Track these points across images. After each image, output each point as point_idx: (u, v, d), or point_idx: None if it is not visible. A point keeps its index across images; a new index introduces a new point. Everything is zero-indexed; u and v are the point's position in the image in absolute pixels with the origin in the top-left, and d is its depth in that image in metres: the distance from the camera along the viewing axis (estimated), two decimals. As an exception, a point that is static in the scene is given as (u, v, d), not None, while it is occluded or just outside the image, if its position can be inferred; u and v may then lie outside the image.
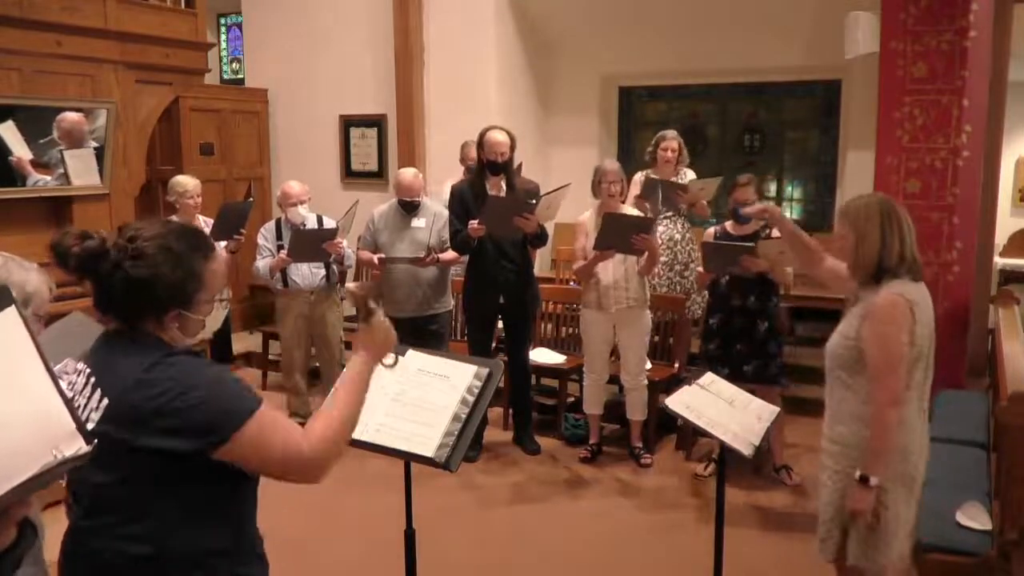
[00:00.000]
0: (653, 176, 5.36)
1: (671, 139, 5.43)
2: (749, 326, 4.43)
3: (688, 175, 5.56)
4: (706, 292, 5.53)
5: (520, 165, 5.49)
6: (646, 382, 4.79)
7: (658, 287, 5.35)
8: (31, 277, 2.01)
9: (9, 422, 1.23)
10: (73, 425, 1.27)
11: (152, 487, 1.54)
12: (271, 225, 5.24)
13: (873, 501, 2.46)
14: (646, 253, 4.51)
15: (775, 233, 4.42)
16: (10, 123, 5.57)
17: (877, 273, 2.48)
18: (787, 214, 7.20)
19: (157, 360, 1.55)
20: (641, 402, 4.80)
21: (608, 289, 4.62)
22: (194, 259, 1.65)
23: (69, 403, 1.29)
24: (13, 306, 1.30)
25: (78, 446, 1.26)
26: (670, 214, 5.44)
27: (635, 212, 4.78)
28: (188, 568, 1.59)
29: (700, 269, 4.54)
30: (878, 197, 2.62)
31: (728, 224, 4.56)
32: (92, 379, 1.58)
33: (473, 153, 6.10)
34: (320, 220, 5.20)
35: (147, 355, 1.57)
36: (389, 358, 1.90)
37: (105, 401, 1.53)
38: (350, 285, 1.74)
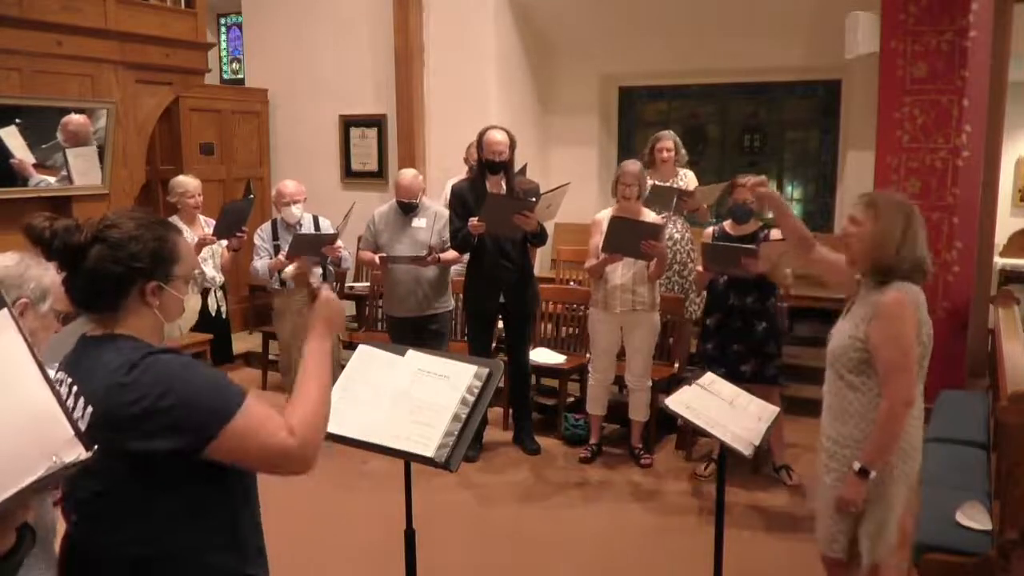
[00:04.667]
0: (659, 184, 5.35)
1: (666, 139, 5.42)
2: (747, 326, 4.43)
3: (687, 176, 5.55)
4: (704, 292, 5.57)
5: (525, 166, 5.48)
6: (651, 384, 4.79)
7: (657, 286, 5.34)
8: (48, 273, 2.02)
9: (7, 429, 1.22)
10: (71, 431, 1.27)
11: (142, 491, 1.53)
12: (267, 226, 5.24)
13: (864, 493, 2.50)
14: (655, 258, 4.51)
15: (775, 234, 4.42)
16: (12, 128, 5.58)
17: (886, 272, 2.48)
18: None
19: (135, 362, 1.53)
20: (644, 403, 4.80)
21: (615, 290, 4.62)
22: (164, 229, 1.69)
23: (66, 409, 1.28)
24: (5, 309, 1.29)
25: (77, 452, 1.26)
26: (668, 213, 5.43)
27: (654, 216, 4.76)
28: (188, 569, 1.59)
29: (700, 268, 4.52)
30: (904, 199, 2.61)
31: (727, 224, 4.55)
32: (74, 388, 1.57)
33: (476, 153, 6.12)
34: (316, 220, 5.20)
35: (125, 357, 1.55)
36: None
37: (90, 409, 1.51)
38: (288, 270, 1.78)
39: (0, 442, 1.21)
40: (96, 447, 1.28)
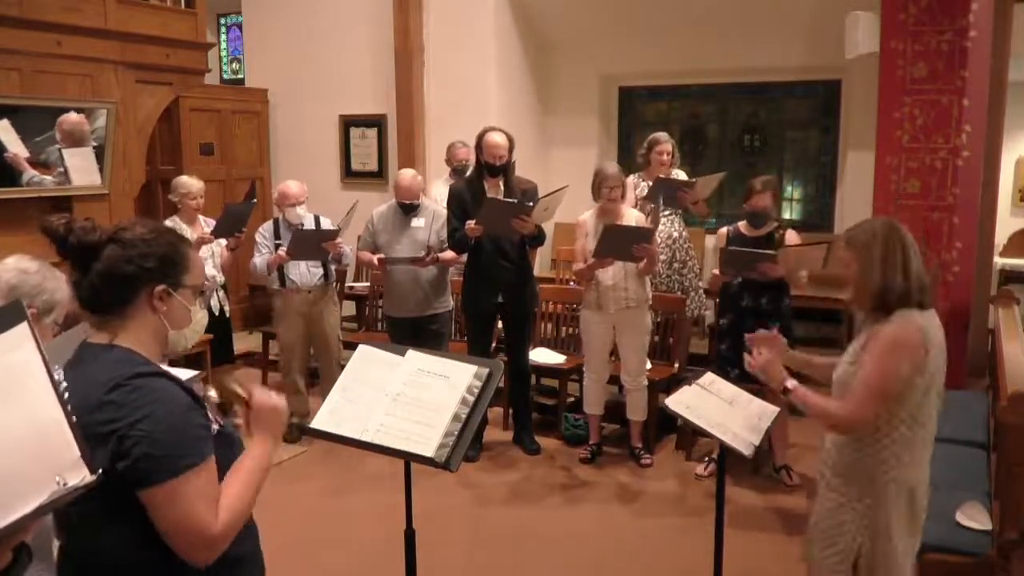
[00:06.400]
0: (662, 177, 5.35)
1: (665, 142, 5.42)
2: (760, 327, 4.41)
3: (680, 176, 5.55)
4: (703, 292, 5.57)
5: (513, 163, 5.48)
6: (646, 383, 4.79)
7: (657, 285, 5.35)
8: (61, 288, 2.03)
9: (14, 449, 1.20)
10: (78, 453, 1.25)
11: (119, 501, 1.53)
12: (269, 225, 5.24)
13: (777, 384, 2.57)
14: (645, 259, 4.52)
15: (791, 238, 4.42)
16: (5, 122, 5.57)
17: (884, 303, 2.40)
18: (787, 214, 7.22)
19: (122, 381, 1.53)
20: (641, 402, 4.80)
21: (607, 290, 4.62)
22: (177, 238, 1.71)
23: (75, 429, 1.27)
24: (26, 323, 1.27)
25: (82, 475, 1.24)
26: (667, 212, 5.43)
27: (636, 214, 4.77)
28: (172, 568, 1.58)
29: (715, 271, 4.52)
30: (881, 222, 2.51)
31: (742, 225, 4.53)
32: (67, 394, 1.55)
33: (460, 154, 6.13)
34: (317, 220, 5.20)
35: (115, 372, 1.54)
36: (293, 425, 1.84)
37: (74, 419, 1.52)
38: (211, 394, 1.64)
39: (9, 459, 1.20)
40: (100, 471, 1.27)
